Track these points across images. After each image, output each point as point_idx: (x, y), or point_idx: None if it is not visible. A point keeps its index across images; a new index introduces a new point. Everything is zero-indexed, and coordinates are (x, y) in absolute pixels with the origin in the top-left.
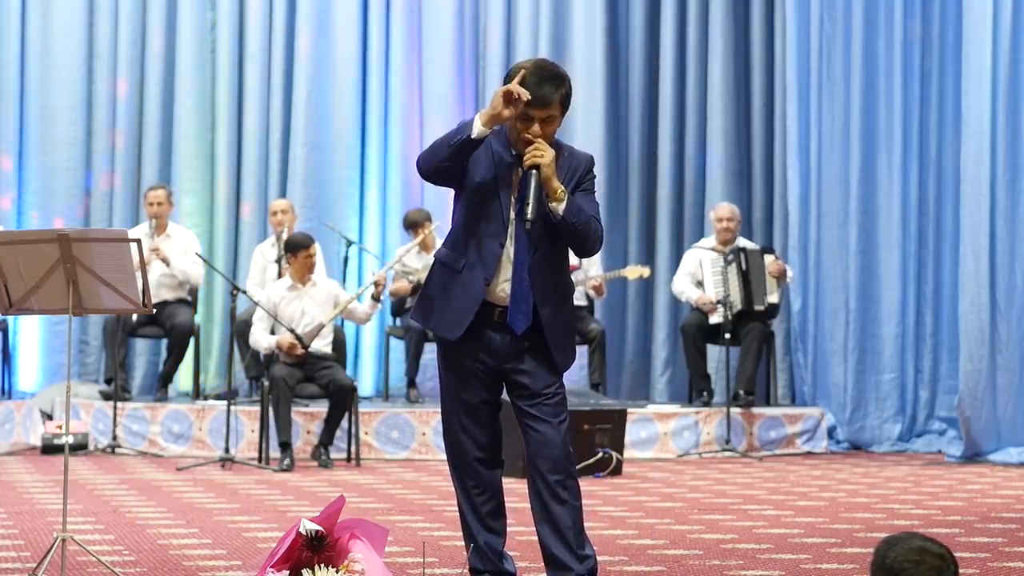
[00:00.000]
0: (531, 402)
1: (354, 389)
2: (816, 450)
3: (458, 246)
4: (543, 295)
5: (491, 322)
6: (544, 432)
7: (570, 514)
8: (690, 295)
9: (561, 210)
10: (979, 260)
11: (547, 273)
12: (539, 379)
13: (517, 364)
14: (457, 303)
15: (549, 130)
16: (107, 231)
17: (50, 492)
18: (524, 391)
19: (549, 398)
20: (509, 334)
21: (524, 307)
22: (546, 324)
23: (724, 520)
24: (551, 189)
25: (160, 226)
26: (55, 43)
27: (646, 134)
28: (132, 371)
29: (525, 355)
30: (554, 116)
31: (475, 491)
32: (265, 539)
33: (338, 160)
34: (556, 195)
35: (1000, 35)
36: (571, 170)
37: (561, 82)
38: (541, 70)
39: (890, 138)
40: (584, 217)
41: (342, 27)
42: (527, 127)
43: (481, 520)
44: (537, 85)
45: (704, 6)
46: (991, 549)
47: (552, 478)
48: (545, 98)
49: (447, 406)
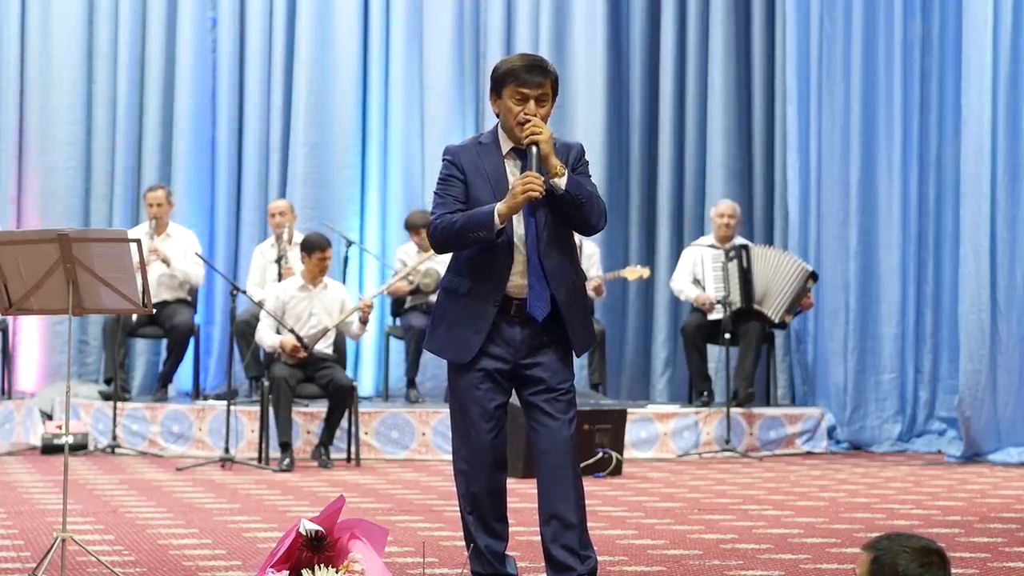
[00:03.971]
0: (545, 397)
1: (354, 389)
2: (816, 450)
3: (461, 271)
4: (556, 280)
5: (508, 318)
6: (554, 429)
7: (575, 513)
8: (689, 294)
9: (563, 184)
10: (979, 260)
11: (557, 257)
12: (555, 374)
13: (535, 358)
14: (465, 328)
15: (543, 111)
16: (107, 231)
17: (50, 492)
18: (539, 385)
19: (563, 394)
20: (528, 327)
21: (543, 295)
22: (563, 308)
23: (724, 520)
24: (550, 166)
25: (160, 226)
26: (55, 43)
27: (646, 134)
28: (132, 371)
29: (543, 349)
30: (547, 95)
31: (480, 495)
32: (265, 539)
33: (338, 160)
34: (556, 171)
35: (1000, 35)
36: (564, 155)
37: (548, 70)
38: (526, 57)
39: (890, 138)
40: (586, 192)
41: (342, 27)
42: (523, 108)
43: (484, 524)
44: (527, 69)
45: (704, 6)
46: (991, 549)
47: (560, 474)
48: (536, 79)
49: (460, 408)
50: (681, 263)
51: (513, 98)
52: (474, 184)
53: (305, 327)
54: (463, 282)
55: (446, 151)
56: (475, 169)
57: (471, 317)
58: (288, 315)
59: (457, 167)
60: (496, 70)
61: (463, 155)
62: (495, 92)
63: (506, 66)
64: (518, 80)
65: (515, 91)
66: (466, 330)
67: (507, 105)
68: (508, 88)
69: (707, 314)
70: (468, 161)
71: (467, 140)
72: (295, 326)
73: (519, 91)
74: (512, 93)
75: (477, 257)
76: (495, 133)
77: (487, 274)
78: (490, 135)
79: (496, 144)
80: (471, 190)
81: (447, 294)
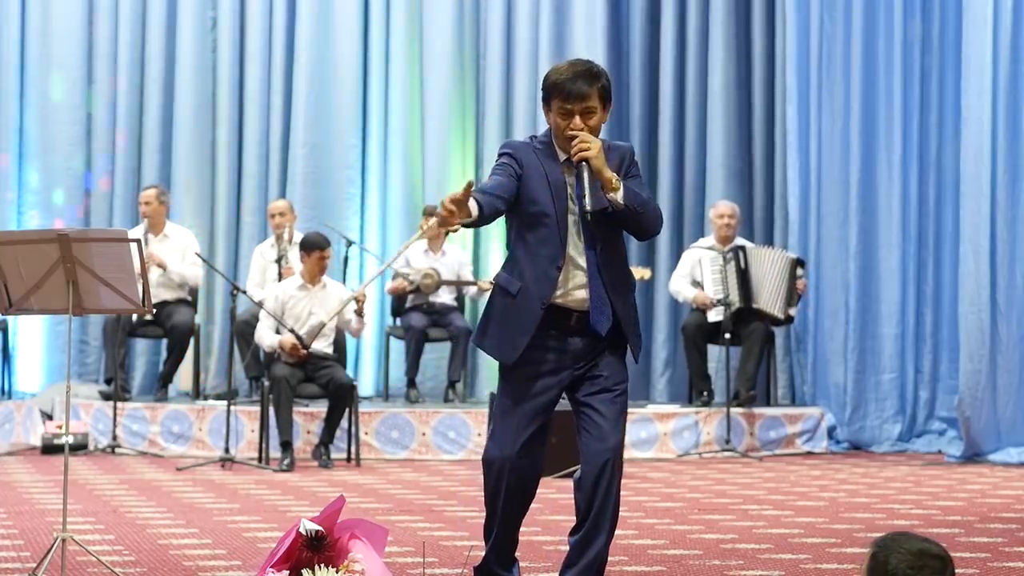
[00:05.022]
0: (600, 397)
1: (354, 388)
2: (816, 450)
3: (515, 269)
4: (614, 290)
5: (567, 327)
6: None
7: (612, 519)
8: (687, 295)
9: (620, 198)
10: (979, 260)
11: (613, 267)
12: (613, 375)
13: (593, 361)
14: (513, 327)
15: (591, 123)
16: (107, 231)
17: (50, 492)
18: (594, 386)
19: (618, 395)
20: (589, 337)
21: (605, 309)
22: (622, 317)
23: (724, 520)
24: (605, 180)
25: (157, 227)
26: (55, 43)
27: (646, 134)
28: (132, 371)
29: (603, 353)
30: (592, 108)
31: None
32: (265, 539)
33: (338, 160)
34: (611, 185)
35: (1000, 35)
36: (618, 160)
37: (596, 77)
38: (574, 67)
39: (890, 138)
40: (642, 199)
41: (342, 27)
42: (568, 123)
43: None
44: (572, 80)
45: (704, 6)
46: (991, 549)
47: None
48: (580, 91)
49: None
50: (680, 265)
51: (559, 113)
52: (533, 185)
53: (304, 327)
54: (514, 281)
55: (505, 145)
56: (535, 169)
57: (519, 318)
58: (288, 315)
59: (517, 161)
60: (545, 80)
61: (523, 153)
62: (544, 103)
63: (552, 78)
64: (561, 94)
65: (560, 106)
66: (514, 330)
67: (554, 119)
68: (554, 102)
69: (707, 314)
70: (528, 161)
71: (523, 140)
72: (295, 326)
73: (563, 106)
74: (557, 108)
75: (529, 258)
76: (549, 138)
77: (538, 275)
78: (544, 140)
79: (552, 151)
80: (529, 190)
81: (499, 291)
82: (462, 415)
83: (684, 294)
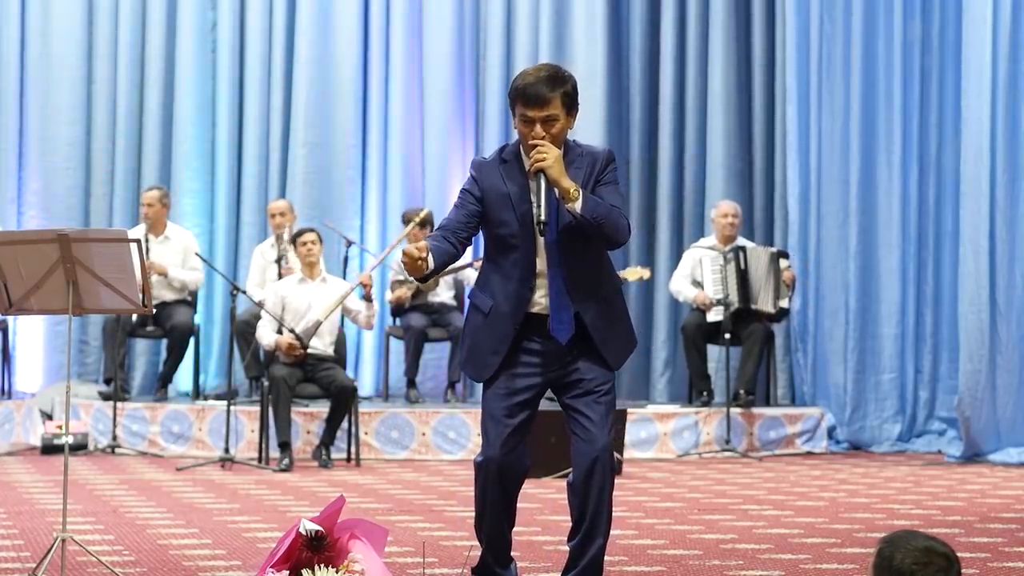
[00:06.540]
0: (584, 400)
1: (355, 390)
2: (816, 450)
3: (487, 287)
4: (583, 300)
5: (543, 332)
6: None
7: (607, 519)
8: (687, 294)
9: (578, 208)
10: (979, 260)
11: (583, 276)
12: (596, 376)
13: (569, 367)
14: (485, 347)
15: (552, 131)
16: (107, 231)
17: (50, 492)
18: (578, 389)
19: (602, 395)
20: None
21: (565, 317)
22: (591, 327)
23: (724, 520)
24: (563, 190)
25: (157, 227)
26: (55, 43)
27: (646, 135)
28: (132, 371)
29: (577, 359)
30: (554, 116)
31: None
32: (265, 539)
33: (338, 160)
34: (569, 195)
35: (1000, 35)
36: (590, 166)
37: (559, 82)
38: (538, 71)
39: (890, 138)
40: (603, 210)
41: (342, 27)
42: (529, 130)
43: (498, 526)
44: (533, 85)
45: (704, 6)
46: (991, 549)
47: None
48: (540, 96)
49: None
50: (681, 265)
51: (521, 120)
52: (496, 206)
53: (303, 322)
54: (486, 300)
55: (472, 164)
56: (496, 190)
57: (492, 337)
58: (288, 309)
59: (477, 184)
60: (511, 85)
61: (486, 173)
62: (511, 108)
63: (514, 84)
64: (522, 99)
65: (522, 112)
66: (485, 350)
67: (518, 127)
68: (516, 108)
69: (707, 314)
70: (491, 182)
71: (493, 156)
72: (295, 320)
73: (524, 113)
74: (520, 114)
75: (500, 277)
76: (517, 150)
77: (508, 294)
78: (512, 151)
79: (519, 162)
80: (492, 212)
81: (473, 309)
82: (462, 415)
83: (685, 294)
